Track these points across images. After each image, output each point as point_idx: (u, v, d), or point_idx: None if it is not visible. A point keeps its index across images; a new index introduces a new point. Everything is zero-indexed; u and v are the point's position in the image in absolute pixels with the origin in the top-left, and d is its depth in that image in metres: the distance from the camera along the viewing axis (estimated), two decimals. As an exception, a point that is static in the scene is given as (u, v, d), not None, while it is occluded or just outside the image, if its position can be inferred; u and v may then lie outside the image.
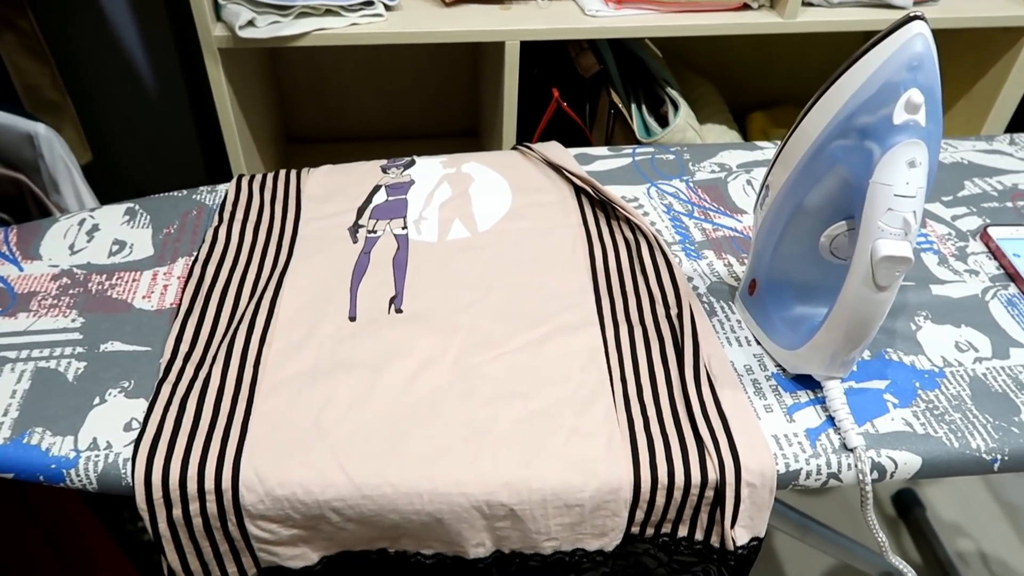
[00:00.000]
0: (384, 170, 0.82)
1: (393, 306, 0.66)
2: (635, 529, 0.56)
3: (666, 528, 0.57)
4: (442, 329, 0.64)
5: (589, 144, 1.19)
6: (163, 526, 0.54)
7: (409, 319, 0.65)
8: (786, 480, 0.55)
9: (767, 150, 0.87)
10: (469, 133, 1.59)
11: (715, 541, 0.57)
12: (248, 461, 0.54)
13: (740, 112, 1.40)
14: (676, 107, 1.07)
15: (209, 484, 0.53)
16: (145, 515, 0.54)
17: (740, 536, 0.56)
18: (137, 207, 0.77)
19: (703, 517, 0.56)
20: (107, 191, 1.36)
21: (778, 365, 0.62)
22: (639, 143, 1.06)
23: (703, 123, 1.16)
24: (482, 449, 0.55)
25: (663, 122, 1.10)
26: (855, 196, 0.52)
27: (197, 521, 0.54)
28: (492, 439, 0.56)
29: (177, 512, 0.54)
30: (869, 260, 0.51)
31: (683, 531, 0.57)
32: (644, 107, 1.10)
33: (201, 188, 0.79)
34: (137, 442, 0.54)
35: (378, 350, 0.62)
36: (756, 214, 0.63)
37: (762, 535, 0.57)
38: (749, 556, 0.57)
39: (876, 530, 0.59)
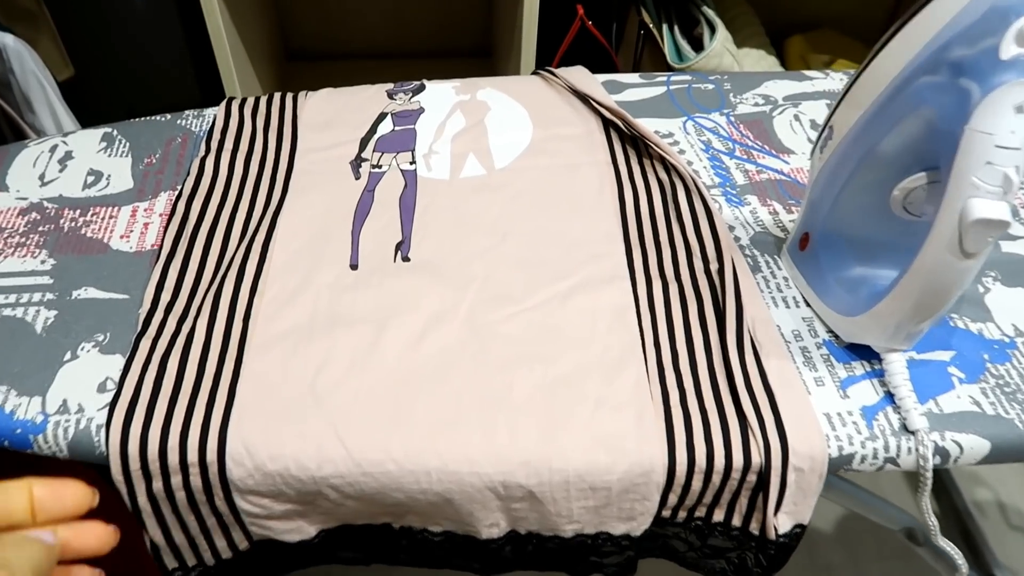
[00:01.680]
0: (390, 95, 0.73)
1: (399, 253, 0.59)
2: (666, 512, 0.51)
3: (700, 512, 0.52)
4: (453, 280, 0.57)
5: (615, 69, 1.09)
6: (143, 499, 0.49)
7: (417, 268, 0.58)
8: (837, 464, 0.50)
9: (817, 81, 0.78)
10: (482, 53, 1.47)
11: (754, 528, 0.51)
12: (236, 431, 0.48)
13: (776, 36, 1.29)
14: (712, 29, 0.96)
15: (192, 456, 0.47)
16: (122, 487, 0.48)
17: (783, 523, 0.50)
18: (115, 132, 0.69)
19: (742, 502, 0.50)
20: (93, 111, 1.26)
21: (830, 331, 0.55)
22: (670, 69, 0.96)
23: (739, 47, 1.06)
24: (497, 421, 0.49)
25: (697, 45, 1.00)
26: (942, 144, 0.44)
27: (180, 495, 0.49)
28: (508, 409, 0.49)
29: (158, 485, 0.48)
30: (957, 221, 0.43)
31: (719, 516, 0.52)
32: (676, 28, 1.00)
33: (187, 112, 0.71)
34: (112, 406, 0.48)
35: (382, 303, 0.55)
36: (814, 159, 0.55)
37: (806, 522, 0.51)
38: (791, 544, 0.52)
39: (928, 514, 0.54)
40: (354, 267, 0.58)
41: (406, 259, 0.58)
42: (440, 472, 0.47)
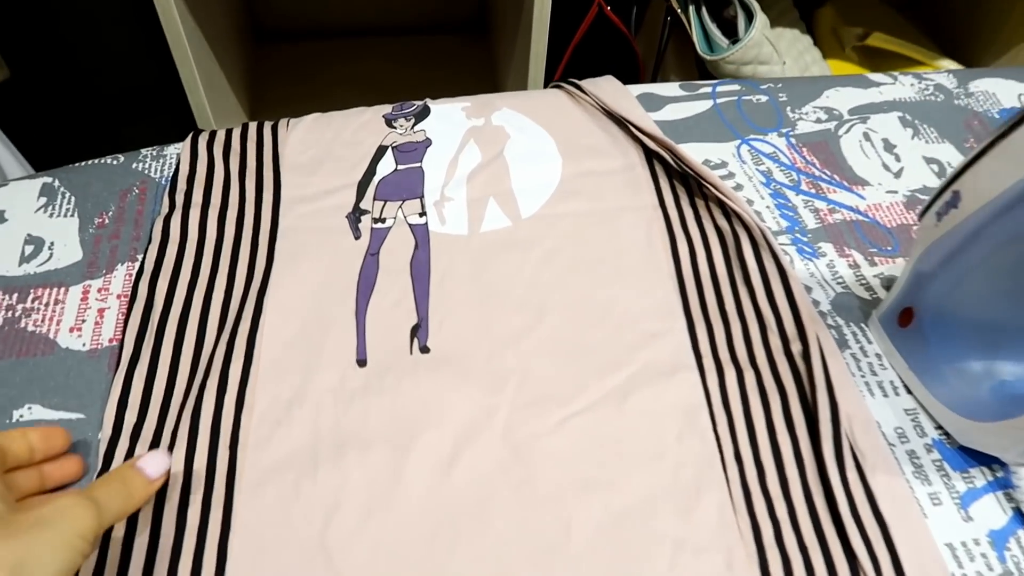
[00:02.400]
0: (389, 122, 0.61)
1: (416, 341, 0.48)
2: (753, 663, 0.42)
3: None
4: (484, 379, 0.47)
5: (635, 59, 0.97)
6: None
7: (438, 363, 0.47)
8: (963, 607, 0.41)
9: (884, 88, 0.67)
10: (477, 28, 1.33)
11: None
12: (230, 614, 0.38)
13: (804, 6, 1.16)
14: (747, 11, 0.84)
15: (176, 647, 0.37)
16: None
17: (892, 673, 0.42)
18: (57, 183, 0.56)
19: (847, 652, 0.42)
20: (32, 116, 1.11)
21: (939, 427, 0.46)
22: (700, 60, 0.84)
23: (771, 27, 0.94)
24: (556, 578, 0.39)
25: (728, 29, 0.87)
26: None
27: None
28: (567, 560, 0.40)
29: (135, 674, 0.39)
30: None
31: (816, 664, 0.43)
32: (705, 9, 0.88)
33: (143, 152, 0.59)
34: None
35: (399, 415, 0.45)
36: (924, 225, 0.45)
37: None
38: None
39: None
40: (362, 363, 0.47)
41: (424, 349, 0.48)
42: (488, 652, 0.38)
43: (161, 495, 0.41)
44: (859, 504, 0.42)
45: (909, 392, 0.48)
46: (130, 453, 0.43)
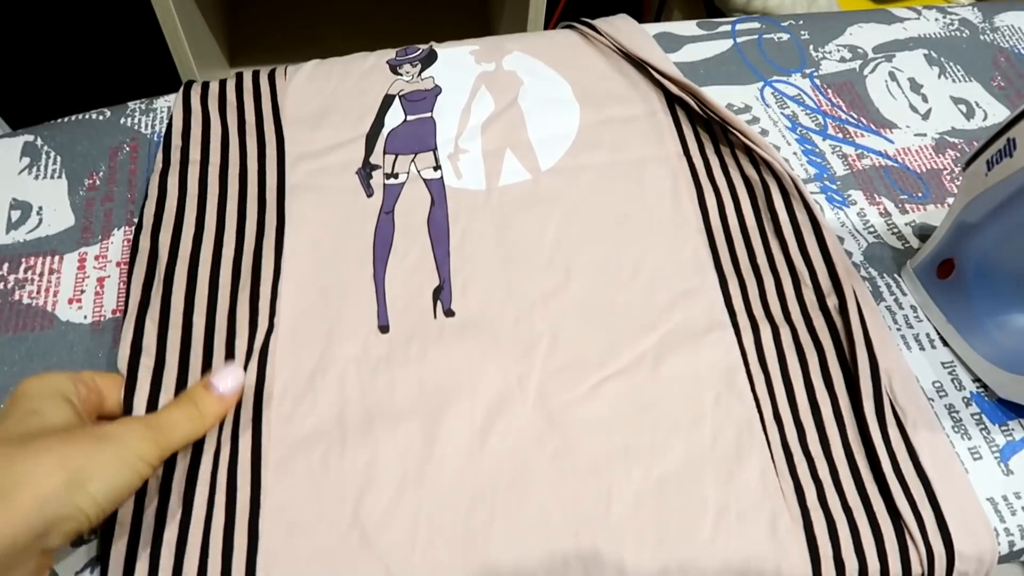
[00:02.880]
0: (394, 68, 0.57)
1: (439, 304, 0.46)
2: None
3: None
4: (513, 343, 0.45)
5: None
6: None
7: (465, 328, 0.45)
8: (1006, 560, 0.41)
9: (909, 23, 0.64)
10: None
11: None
12: (266, 593, 0.37)
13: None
14: (757, -59, 0.80)
15: (212, 633, 0.36)
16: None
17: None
18: (40, 142, 0.52)
19: (887, 606, 0.42)
20: (5, 66, 1.04)
21: (976, 379, 0.45)
22: (709, 7, 0.80)
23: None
24: (600, 550, 0.38)
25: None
26: None
27: None
28: (609, 530, 0.39)
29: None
30: None
31: (855, 618, 0.43)
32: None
33: (131, 106, 0.55)
34: (104, 560, 0.36)
35: (428, 385, 0.43)
36: (971, 174, 0.43)
37: (956, 618, 0.43)
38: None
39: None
40: (384, 329, 0.45)
41: (449, 313, 0.46)
42: (534, 626, 0.37)
43: (192, 478, 0.39)
44: (902, 462, 0.41)
45: (946, 345, 0.47)
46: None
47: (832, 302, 0.46)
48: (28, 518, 0.29)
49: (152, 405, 0.40)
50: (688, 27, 0.62)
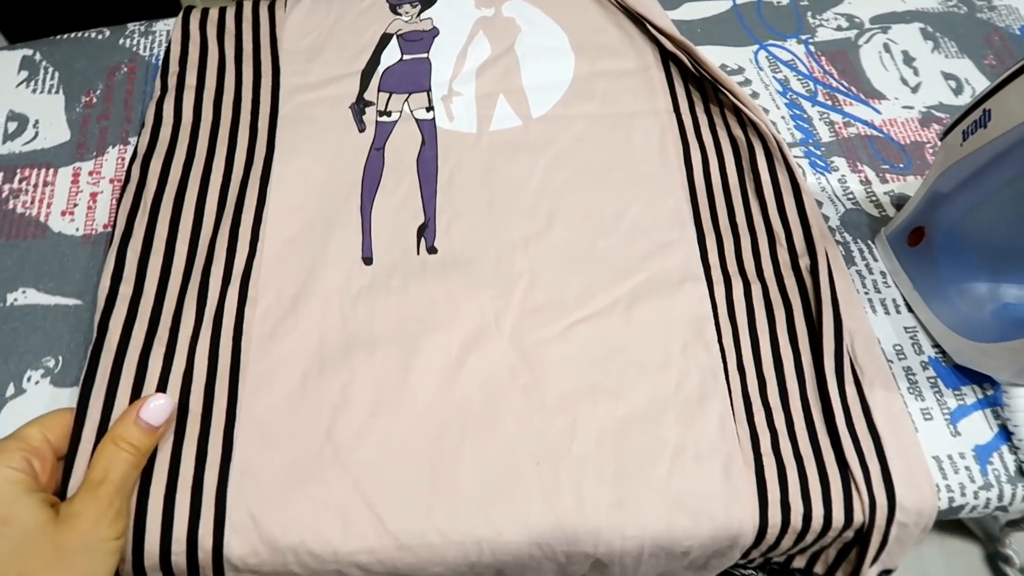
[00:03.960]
0: (394, 8, 0.58)
1: (423, 241, 0.47)
2: (741, 560, 0.44)
3: (779, 558, 0.45)
4: (493, 281, 0.46)
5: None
6: None
7: (447, 264, 0.47)
8: (945, 515, 0.43)
9: (908, -3, 0.64)
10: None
11: (839, 577, 0.45)
12: (236, 495, 0.38)
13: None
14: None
15: (180, 530, 0.38)
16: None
17: (871, 573, 0.45)
18: (38, 56, 0.53)
19: (830, 553, 0.44)
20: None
21: (936, 345, 0.47)
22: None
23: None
24: (560, 478, 0.40)
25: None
26: None
27: None
28: (572, 462, 0.41)
29: (127, 569, 0.39)
30: None
31: (800, 562, 0.45)
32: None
33: (130, 27, 0.55)
34: (68, 460, 0.38)
35: (407, 316, 0.45)
36: (947, 143, 0.44)
37: (895, 568, 0.45)
38: (873, 589, 0.46)
39: (1012, 549, 0.49)
40: (368, 261, 0.46)
41: (432, 250, 0.47)
42: (493, 543, 0.39)
43: (163, 382, 0.41)
44: (855, 417, 0.43)
45: (910, 311, 0.48)
46: (126, 329, 0.42)
47: (804, 263, 0.48)
48: None
49: (126, 332, 0.42)
50: (689, -13, 0.63)
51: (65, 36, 0.54)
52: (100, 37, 0.54)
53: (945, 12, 0.64)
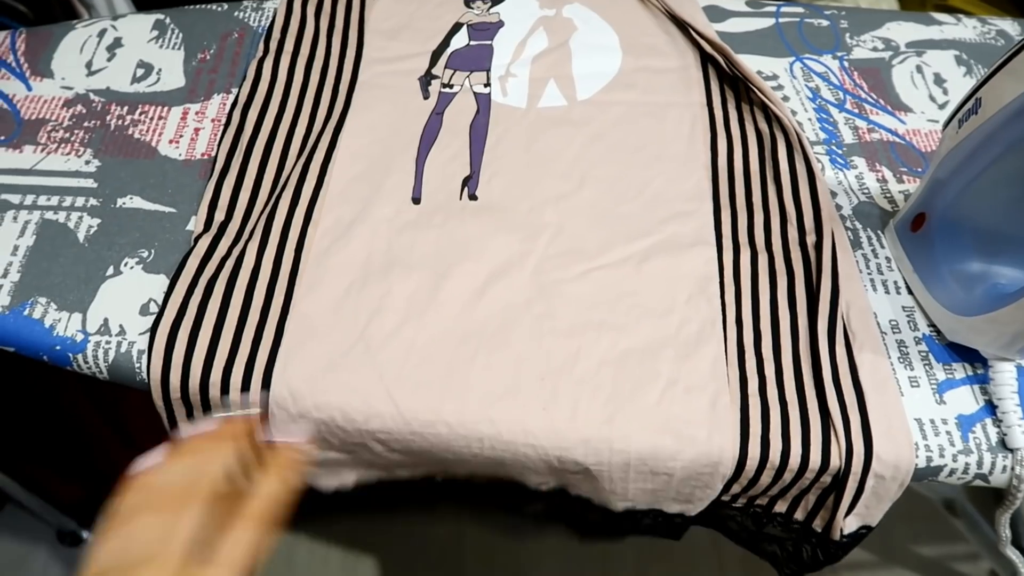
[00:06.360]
0: (467, 3, 0.66)
1: (466, 190, 0.54)
2: (725, 497, 0.48)
3: (762, 501, 0.48)
4: (522, 228, 0.52)
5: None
6: (182, 423, 0.47)
7: (484, 209, 0.53)
8: (923, 475, 0.45)
9: (946, 27, 0.69)
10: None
11: (817, 525, 0.48)
12: (281, 374, 0.45)
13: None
14: (828, -51, 0.85)
15: (234, 395, 0.45)
16: (162, 411, 0.46)
17: (849, 524, 0.47)
18: (168, 20, 0.63)
19: (809, 498, 0.47)
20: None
21: (932, 325, 0.50)
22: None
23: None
24: (559, 393, 0.45)
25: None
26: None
27: None
28: (572, 381, 0.46)
29: (198, 415, 0.46)
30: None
31: (781, 507, 0.48)
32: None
33: (244, 3, 0.65)
34: (153, 331, 0.46)
35: (443, 248, 0.51)
36: (947, 132, 0.48)
37: (874, 524, 0.48)
38: (852, 544, 0.49)
39: (1004, 527, 0.50)
40: (416, 201, 0.53)
41: (473, 197, 0.54)
42: (493, 440, 0.44)
43: (232, 281, 0.48)
44: (842, 373, 0.46)
45: (910, 293, 0.52)
46: (211, 248, 0.49)
47: (811, 240, 0.52)
48: None
49: (212, 245, 0.49)
50: (737, 3, 0.69)
51: (191, 7, 0.64)
52: (219, 9, 0.64)
53: (983, 43, 0.67)
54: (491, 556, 0.99)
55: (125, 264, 0.49)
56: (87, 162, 0.54)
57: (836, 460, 0.44)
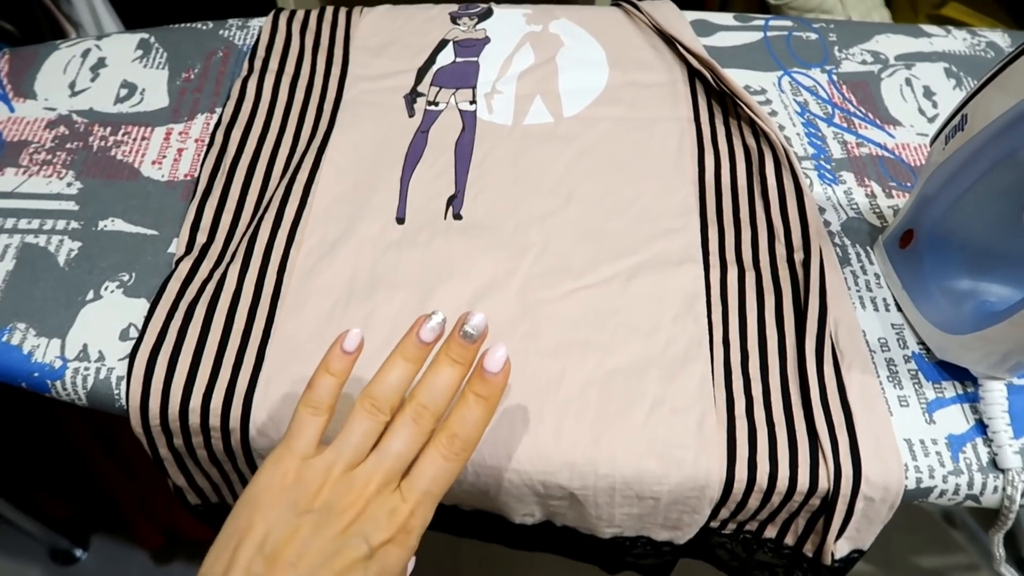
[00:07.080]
0: (454, 19, 0.66)
1: (451, 209, 0.54)
2: (714, 524, 0.47)
3: (751, 526, 0.48)
4: (508, 247, 0.52)
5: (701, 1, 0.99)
6: (163, 451, 0.46)
7: (469, 229, 0.52)
8: (913, 496, 0.45)
9: (936, 39, 0.68)
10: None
11: (808, 549, 0.47)
12: (262, 399, 0.44)
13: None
14: (818, -39, 0.85)
15: (215, 420, 0.44)
16: (143, 440, 0.46)
17: (841, 548, 0.46)
18: (152, 39, 0.63)
19: (799, 522, 0.46)
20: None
21: (921, 343, 0.49)
22: (764, 4, 0.86)
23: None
24: (543, 415, 0.45)
25: (797, -23, 0.89)
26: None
27: (201, 452, 0.46)
28: (556, 402, 0.45)
29: (179, 441, 0.46)
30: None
31: (771, 532, 0.48)
32: (776, -45, 0.89)
33: (230, 21, 0.65)
34: (131, 358, 0.45)
35: (428, 266, 0.50)
36: (934, 148, 0.47)
37: (866, 548, 0.47)
38: (845, 568, 0.48)
39: (998, 546, 0.49)
40: (400, 221, 0.53)
41: (458, 216, 0.53)
42: (477, 466, 0.44)
43: (213, 305, 0.48)
44: (830, 394, 0.46)
45: (900, 310, 0.51)
46: (193, 270, 0.49)
47: (799, 257, 0.51)
48: None
49: (195, 267, 0.49)
50: (724, 17, 0.68)
51: (176, 25, 0.64)
52: (204, 27, 0.64)
53: (972, 55, 0.67)
54: (486, 559, 0.99)
55: (105, 288, 0.49)
56: (69, 184, 0.53)
57: (824, 482, 0.44)
